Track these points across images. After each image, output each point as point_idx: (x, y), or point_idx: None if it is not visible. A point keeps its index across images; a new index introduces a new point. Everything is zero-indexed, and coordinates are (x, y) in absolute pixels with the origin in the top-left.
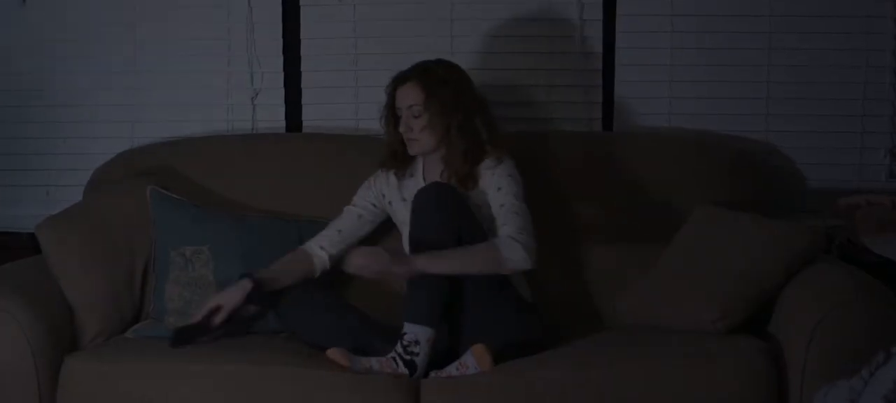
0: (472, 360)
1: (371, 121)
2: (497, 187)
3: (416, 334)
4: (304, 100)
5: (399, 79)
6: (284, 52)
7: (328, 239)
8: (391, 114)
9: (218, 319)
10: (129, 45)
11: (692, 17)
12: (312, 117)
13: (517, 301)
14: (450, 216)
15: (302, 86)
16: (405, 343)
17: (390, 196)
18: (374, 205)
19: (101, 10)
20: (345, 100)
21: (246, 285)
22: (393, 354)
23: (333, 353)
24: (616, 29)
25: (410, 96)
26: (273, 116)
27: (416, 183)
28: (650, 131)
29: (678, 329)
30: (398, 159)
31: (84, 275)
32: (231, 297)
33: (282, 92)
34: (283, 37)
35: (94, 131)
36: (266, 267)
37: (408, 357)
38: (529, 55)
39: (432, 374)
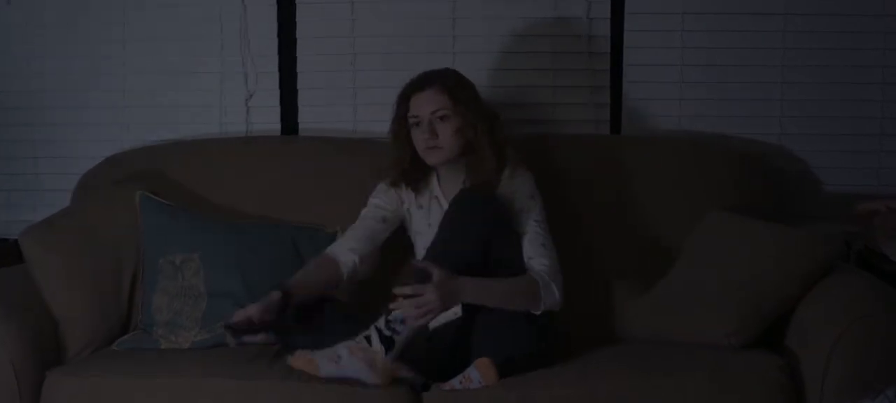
0: (477, 374)
1: (369, 124)
2: (519, 209)
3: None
4: (300, 102)
5: (415, 87)
6: (280, 52)
7: (354, 239)
8: (402, 126)
9: (258, 339)
10: (117, 44)
11: (703, 16)
12: (309, 120)
13: (527, 313)
14: (487, 228)
15: (298, 87)
16: (390, 318)
17: (409, 203)
18: (395, 211)
19: (88, 10)
20: (342, 102)
21: (274, 296)
22: (368, 332)
23: (296, 361)
24: (624, 28)
25: (434, 101)
26: (268, 119)
27: (432, 194)
28: (660, 134)
29: (690, 342)
30: (408, 176)
31: (69, 285)
32: (263, 313)
33: (277, 93)
34: (279, 36)
35: (81, 134)
36: (282, 277)
37: (388, 333)
38: (535, 55)
39: (435, 387)
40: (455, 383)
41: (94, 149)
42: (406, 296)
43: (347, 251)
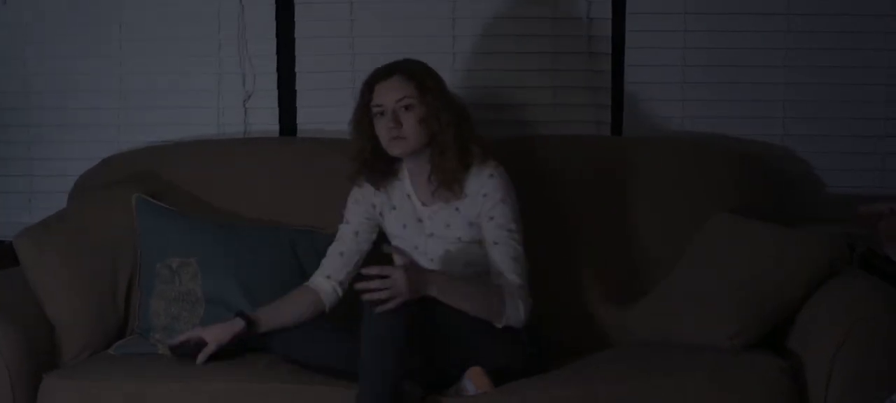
0: (471, 384)
1: None
2: (489, 217)
3: None
4: (298, 103)
5: (380, 75)
6: (278, 53)
7: (331, 266)
8: (365, 116)
9: (202, 357)
10: (114, 44)
11: (705, 16)
12: (307, 121)
13: (503, 330)
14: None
15: (296, 88)
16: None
17: (380, 206)
18: (368, 219)
19: (85, 9)
20: (341, 103)
21: (237, 324)
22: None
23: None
24: (626, 27)
25: (400, 89)
26: (266, 120)
27: (403, 187)
28: (661, 135)
29: (691, 345)
30: (370, 168)
31: (64, 289)
32: (219, 334)
33: (275, 94)
34: (277, 36)
35: (77, 135)
36: (266, 303)
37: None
38: (535, 55)
39: (432, 399)
40: (451, 394)
41: (90, 150)
42: (373, 276)
43: (324, 279)
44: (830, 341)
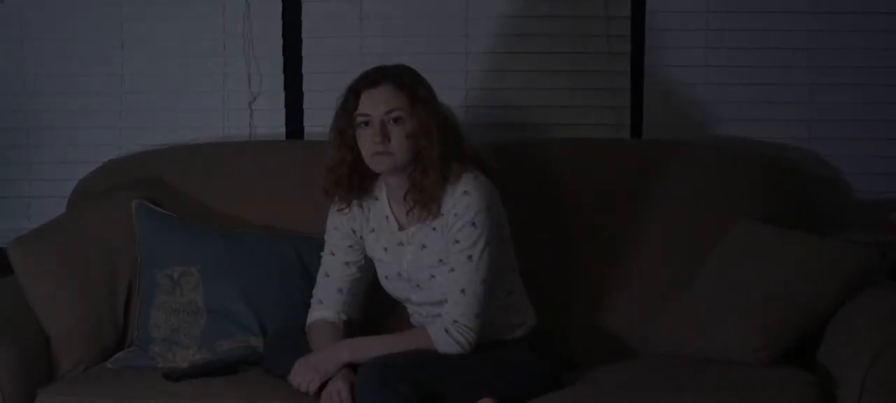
0: None
1: None
2: (454, 240)
3: None
4: (306, 105)
5: (368, 82)
6: (285, 53)
7: (331, 301)
8: (348, 126)
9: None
10: (115, 44)
11: (729, 15)
12: (315, 124)
13: (529, 349)
14: None
15: (304, 89)
16: None
17: (361, 229)
18: (352, 246)
19: (85, 7)
20: None
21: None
22: None
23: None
24: (646, 26)
25: (390, 100)
26: (272, 122)
27: (381, 208)
28: (683, 138)
29: (715, 358)
30: (344, 186)
31: (60, 300)
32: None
33: (282, 96)
34: (284, 36)
35: (78, 138)
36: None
37: None
38: (551, 55)
39: None
40: None
41: (91, 153)
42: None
43: (324, 309)
44: (863, 356)
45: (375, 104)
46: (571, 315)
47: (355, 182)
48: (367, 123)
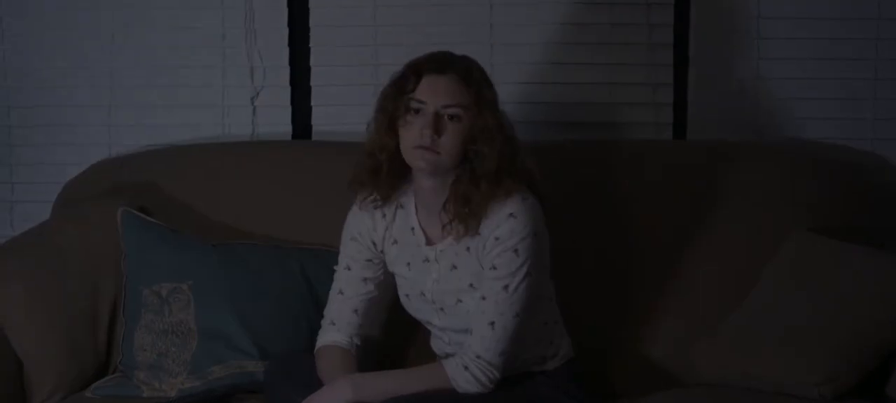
0: None
1: None
2: (492, 265)
3: None
4: (313, 102)
5: (432, 66)
6: (290, 44)
7: (344, 324)
8: (398, 108)
9: None
10: (105, 35)
11: (783, 2)
12: (323, 122)
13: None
14: None
15: (311, 84)
16: None
17: (382, 243)
18: (371, 260)
19: None
20: (362, 103)
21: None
22: None
23: None
24: (691, 14)
25: (453, 93)
26: (277, 120)
27: (407, 218)
28: (731, 139)
29: (769, 390)
30: (381, 177)
31: (34, 319)
32: None
33: (287, 91)
34: (289, 25)
35: (64, 138)
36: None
37: None
38: (586, 47)
39: None
40: None
41: (78, 154)
42: None
43: (336, 333)
44: None
45: (436, 93)
46: (610, 336)
47: (387, 179)
48: (418, 111)
